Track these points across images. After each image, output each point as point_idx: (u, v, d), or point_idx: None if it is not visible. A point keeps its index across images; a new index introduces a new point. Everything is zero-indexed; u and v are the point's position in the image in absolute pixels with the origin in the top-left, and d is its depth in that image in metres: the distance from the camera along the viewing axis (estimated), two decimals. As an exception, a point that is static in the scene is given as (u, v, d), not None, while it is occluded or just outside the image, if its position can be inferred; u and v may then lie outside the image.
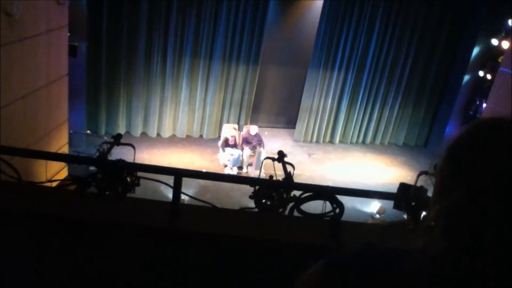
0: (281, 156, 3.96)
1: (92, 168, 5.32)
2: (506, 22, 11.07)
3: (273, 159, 3.99)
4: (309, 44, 12.07)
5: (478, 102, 11.99)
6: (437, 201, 0.90)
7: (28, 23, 6.10)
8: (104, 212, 3.02)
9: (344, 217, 3.54)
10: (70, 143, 8.68)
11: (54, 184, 4.61)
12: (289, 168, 3.86)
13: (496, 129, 0.87)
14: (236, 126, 11.81)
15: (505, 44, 10.96)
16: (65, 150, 7.87)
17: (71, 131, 9.00)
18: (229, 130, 11.36)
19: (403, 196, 3.51)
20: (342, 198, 3.51)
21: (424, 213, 3.31)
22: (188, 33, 11.13)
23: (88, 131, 10.79)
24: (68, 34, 7.75)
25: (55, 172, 7.11)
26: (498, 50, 11.41)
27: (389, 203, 3.84)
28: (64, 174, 7.43)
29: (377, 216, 9.18)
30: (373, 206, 9.24)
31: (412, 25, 12.11)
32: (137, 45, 10.88)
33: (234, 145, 10.93)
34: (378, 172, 11.47)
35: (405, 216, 3.80)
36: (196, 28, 11.11)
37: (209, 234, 2.83)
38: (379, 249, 0.93)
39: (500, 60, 11.15)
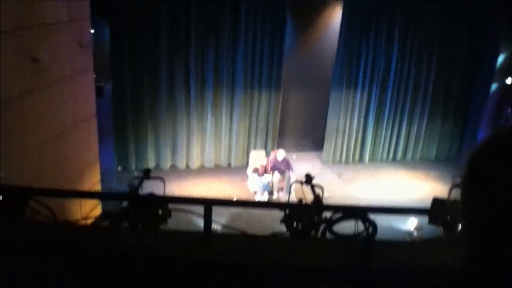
0: (308, 179, 3.95)
1: (124, 203, 5.40)
2: (529, 26, 10.89)
3: (301, 183, 3.98)
4: (329, 64, 12.10)
5: (509, 110, 11.72)
6: (463, 214, 0.89)
7: (53, 68, 6.29)
8: (135, 245, 3.06)
9: (381, 236, 3.46)
10: (102, 181, 8.83)
11: (88, 221, 4.68)
12: (318, 190, 3.84)
13: None
14: (263, 152, 11.82)
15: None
16: (97, 188, 7.99)
17: (102, 170, 9.17)
18: (256, 157, 11.38)
19: (437, 210, 3.43)
20: (377, 217, 3.44)
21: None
22: (208, 64, 11.31)
23: (119, 168, 10.98)
24: (94, 75, 7.96)
25: (89, 210, 7.23)
26: (524, 55, 11.21)
27: (427, 219, 3.75)
28: (98, 211, 7.54)
29: (415, 233, 8.95)
30: (410, 223, 9.03)
31: (431, 37, 12.02)
32: (160, 80, 11.11)
33: (264, 172, 10.91)
34: (411, 188, 11.25)
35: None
36: (216, 58, 11.29)
37: (239, 263, 2.82)
38: (406, 268, 0.92)
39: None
